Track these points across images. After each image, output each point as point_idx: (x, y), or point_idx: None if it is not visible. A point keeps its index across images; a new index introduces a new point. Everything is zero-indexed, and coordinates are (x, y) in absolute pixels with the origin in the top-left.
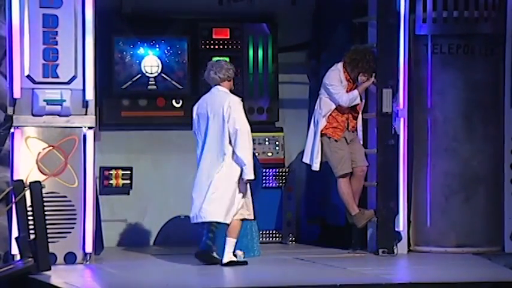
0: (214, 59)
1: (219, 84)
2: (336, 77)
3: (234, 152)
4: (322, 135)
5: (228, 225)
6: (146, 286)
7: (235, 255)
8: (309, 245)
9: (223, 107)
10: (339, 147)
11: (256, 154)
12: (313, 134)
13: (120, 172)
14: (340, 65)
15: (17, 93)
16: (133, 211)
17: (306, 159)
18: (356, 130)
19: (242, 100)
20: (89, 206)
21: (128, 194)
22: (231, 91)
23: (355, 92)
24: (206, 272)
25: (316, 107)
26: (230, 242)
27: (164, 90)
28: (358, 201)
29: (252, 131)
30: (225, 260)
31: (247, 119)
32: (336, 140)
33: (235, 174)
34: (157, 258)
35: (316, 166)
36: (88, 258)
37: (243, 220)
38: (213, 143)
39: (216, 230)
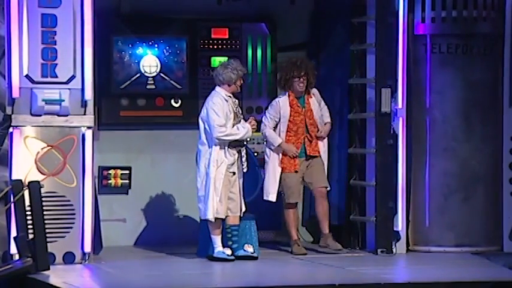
0: (214, 58)
1: (219, 85)
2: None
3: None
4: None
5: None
6: (145, 286)
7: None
8: (308, 245)
9: (203, 108)
10: (289, 176)
11: (255, 154)
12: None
13: (119, 172)
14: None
15: (15, 93)
16: (132, 211)
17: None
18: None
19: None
20: (88, 205)
21: (127, 193)
22: (234, 94)
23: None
24: (205, 272)
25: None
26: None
27: (163, 90)
28: (327, 224)
29: None
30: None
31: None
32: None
33: (207, 171)
34: (156, 258)
35: (272, 197)
36: (87, 258)
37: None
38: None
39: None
